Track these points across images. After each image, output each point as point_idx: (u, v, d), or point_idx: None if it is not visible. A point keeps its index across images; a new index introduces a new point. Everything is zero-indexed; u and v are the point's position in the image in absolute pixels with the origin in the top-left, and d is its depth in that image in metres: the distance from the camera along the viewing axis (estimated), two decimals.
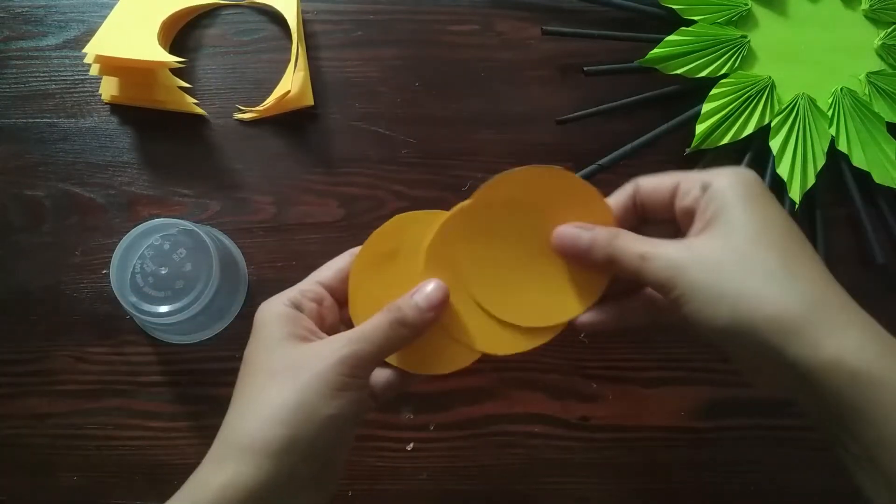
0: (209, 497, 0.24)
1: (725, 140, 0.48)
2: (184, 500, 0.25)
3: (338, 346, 0.26)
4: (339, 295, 0.31)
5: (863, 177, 0.49)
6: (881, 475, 0.21)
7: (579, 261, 0.29)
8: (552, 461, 0.45)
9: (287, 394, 0.25)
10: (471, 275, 0.30)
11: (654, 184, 0.28)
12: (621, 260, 0.27)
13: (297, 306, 0.29)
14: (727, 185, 0.25)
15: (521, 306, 0.30)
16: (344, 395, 0.26)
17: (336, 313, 0.31)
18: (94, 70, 0.48)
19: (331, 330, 0.30)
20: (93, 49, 0.45)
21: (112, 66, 0.47)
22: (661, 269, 0.25)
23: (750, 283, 0.23)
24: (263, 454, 0.24)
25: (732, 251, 0.24)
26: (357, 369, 0.26)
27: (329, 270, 0.31)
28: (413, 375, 0.31)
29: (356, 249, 0.31)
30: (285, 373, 0.26)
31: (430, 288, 0.29)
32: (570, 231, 0.29)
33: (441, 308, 0.28)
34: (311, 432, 0.25)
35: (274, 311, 0.28)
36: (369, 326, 0.28)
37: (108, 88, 0.49)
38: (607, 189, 0.30)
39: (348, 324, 0.30)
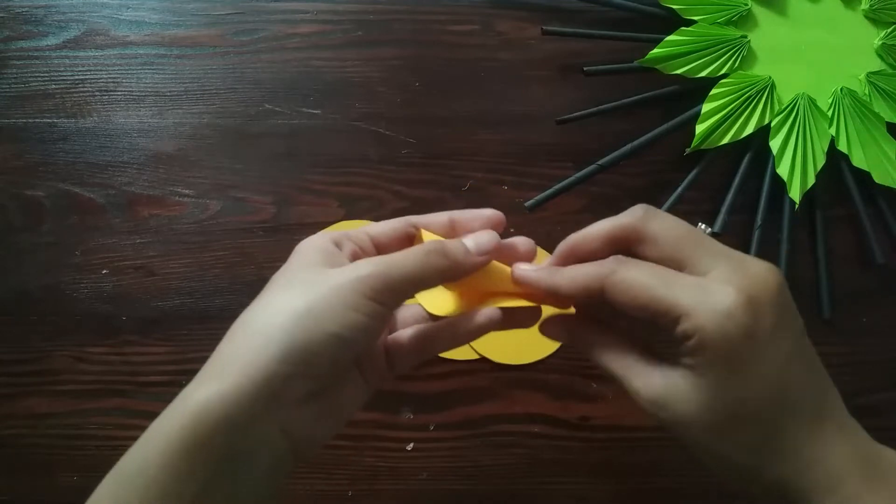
0: (184, 418, 0.21)
1: (725, 140, 0.48)
2: (158, 426, 0.22)
3: (361, 265, 0.25)
4: (384, 252, 0.28)
5: (863, 177, 0.49)
6: None
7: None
8: (552, 461, 0.45)
9: (296, 301, 0.23)
10: None
11: (631, 292, 0.24)
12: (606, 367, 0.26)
13: (338, 244, 0.27)
14: (711, 338, 0.22)
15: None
16: (357, 316, 0.23)
17: None
18: None
19: None
20: None
21: None
22: (646, 394, 0.25)
23: (733, 458, 0.23)
24: (253, 364, 0.22)
25: (710, 423, 0.23)
26: (377, 292, 0.24)
27: (382, 227, 0.29)
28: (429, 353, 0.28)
29: (418, 219, 0.29)
30: (301, 286, 0.24)
31: (484, 236, 0.27)
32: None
33: (489, 256, 0.27)
34: (311, 344, 0.23)
35: (313, 242, 0.27)
36: (401, 253, 0.25)
37: None
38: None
39: None
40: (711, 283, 0.23)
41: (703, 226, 0.25)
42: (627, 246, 0.26)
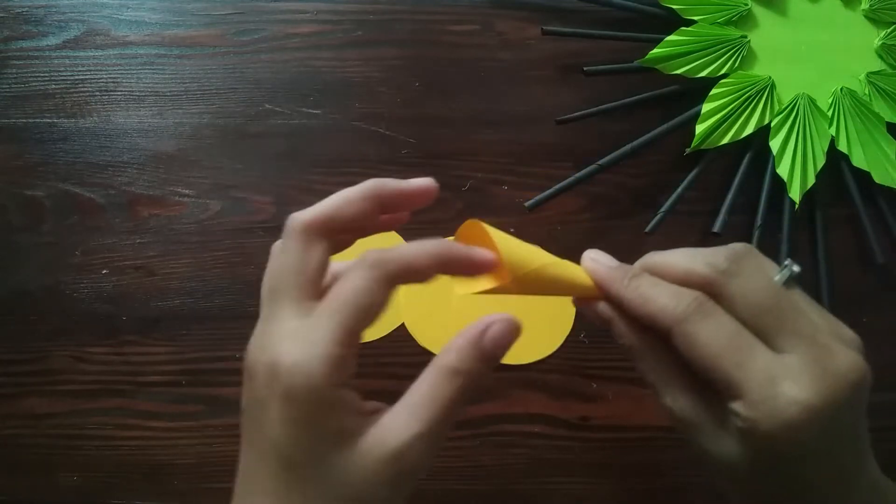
0: None
1: (725, 140, 0.48)
2: None
3: (398, 460, 0.20)
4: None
5: (863, 177, 0.49)
6: None
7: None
8: (552, 461, 0.45)
9: None
10: None
11: (697, 350, 0.22)
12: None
13: (344, 374, 0.21)
14: (763, 436, 0.21)
15: None
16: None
17: None
18: None
19: None
20: None
21: None
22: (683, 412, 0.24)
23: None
24: None
25: (728, 470, 0.23)
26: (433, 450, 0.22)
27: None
28: None
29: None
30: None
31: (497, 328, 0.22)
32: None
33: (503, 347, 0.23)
34: None
35: (315, 395, 0.20)
36: (426, 423, 0.21)
37: None
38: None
39: None
40: (784, 378, 0.21)
41: (789, 261, 0.23)
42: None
